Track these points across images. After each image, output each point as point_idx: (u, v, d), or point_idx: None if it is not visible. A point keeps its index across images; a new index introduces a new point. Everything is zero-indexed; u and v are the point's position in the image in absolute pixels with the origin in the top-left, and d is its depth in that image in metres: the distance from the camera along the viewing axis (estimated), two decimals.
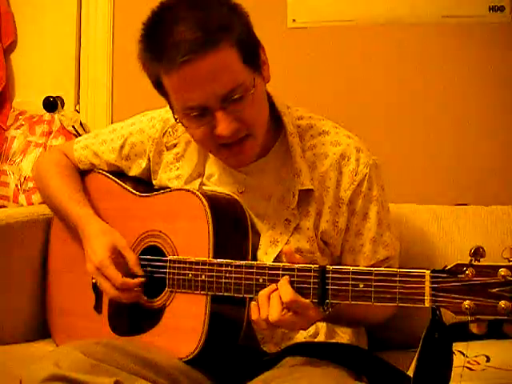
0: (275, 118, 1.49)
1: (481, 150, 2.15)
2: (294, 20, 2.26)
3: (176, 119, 1.42)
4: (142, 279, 1.45)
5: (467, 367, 1.43)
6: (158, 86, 1.38)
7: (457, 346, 1.43)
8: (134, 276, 1.46)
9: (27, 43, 2.56)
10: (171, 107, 1.43)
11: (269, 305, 1.26)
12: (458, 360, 1.41)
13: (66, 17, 2.50)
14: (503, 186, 2.11)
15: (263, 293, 1.27)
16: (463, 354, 1.46)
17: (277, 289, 1.27)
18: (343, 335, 1.50)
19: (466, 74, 2.15)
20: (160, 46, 1.31)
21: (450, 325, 1.16)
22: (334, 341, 1.48)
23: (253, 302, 1.29)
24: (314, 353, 1.37)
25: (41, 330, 1.76)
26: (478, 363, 1.44)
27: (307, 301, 1.24)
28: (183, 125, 1.42)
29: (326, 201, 1.46)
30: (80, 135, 2.30)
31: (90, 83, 2.49)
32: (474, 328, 1.08)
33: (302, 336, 1.46)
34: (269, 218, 1.47)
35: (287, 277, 1.26)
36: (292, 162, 1.46)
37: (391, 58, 2.21)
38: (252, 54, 1.36)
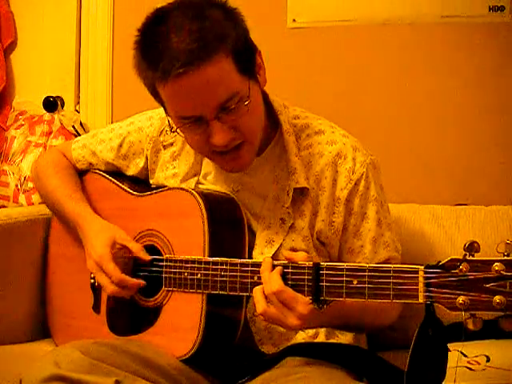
0: (272, 116, 1.49)
1: (481, 150, 2.15)
2: (294, 20, 2.26)
3: (172, 128, 1.41)
4: (141, 282, 1.45)
5: (467, 367, 1.43)
6: (154, 94, 1.38)
7: (457, 346, 1.43)
8: (134, 273, 1.46)
9: (27, 43, 2.56)
10: (168, 115, 1.43)
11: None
12: (458, 360, 1.41)
13: (66, 17, 2.50)
14: (503, 186, 2.11)
15: (258, 288, 1.27)
16: (463, 354, 1.46)
17: None
18: (342, 336, 1.49)
19: (466, 74, 2.15)
20: (155, 56, 1.31)
21: (447, 326, 1.16)
22: (333, 341, 1.48)
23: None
24: (314, 353, 1.37)
25: (41, 329, 1.76)
26: (478, 363, 1.44)
27: (297, 294, 1.23)
28: (178, 134, 1.42)
29: (322, 200, 1.46)
30: (80, 135, 2.30)
31: (89, 83, 2.49)
32: (469, 324, 1.08)
33: (300, 337, 1.46)
34: (264, 217, 1.46)
35: (280, 268, 1.26)
36: (287, 160, 1.46)
37: (391, 58, 2.21)
38: (248, 61, 1.35)
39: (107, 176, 1.65)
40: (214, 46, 1.28)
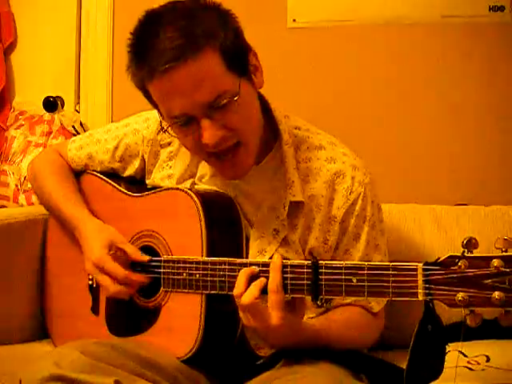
0: (272, 125, 1.48)
1: (481, 150, 2.15)
2: (294, 20, 2.26)
3: (162, 128, 1.41)
4: (147, 278, 1.44)
5: (467, 367, 1.43)
6: (146, 95, 1.38)
7: (457, 346, 1.43)
8: (134, 270, 1.46)
9: (27, 43, 2.56)
10: (161, 116, 1.42)
11: (247, 287, 1.25)
12: (458, 360, 1.41)
13: (66, 17, 2.51)
14: (503, 186, 2.11)
15: (244, 272, 1.27)
16: (463, 354, 1.46)
17: (259, 273, 1.27)
18: None
19: (466, 74, 2.15)
20: (143, 55, 1.31)
21: (447, 326, 1.16)
22: None
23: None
24: (313, 353, 1.37)
25: (41, 330, 1.75)
26: (478, 363, 1.44)
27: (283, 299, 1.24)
28: (170, 134, 1.41)
29: (317, 217, 1.45)
30: None
31: (89, 83, 2.49)
32: (468, 320, 1.08)
33: None
34: (258, 226, 1.46)
35: (280, 262, 1.26)
36: (285, 172, 1.45)
37: (391, 58, 2.21)
38: (238, 59, 1.34)
39: (103, 177, 1.64)
40: (200, 42, 1.28)
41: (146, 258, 1.45)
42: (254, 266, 1.29)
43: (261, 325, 1.26)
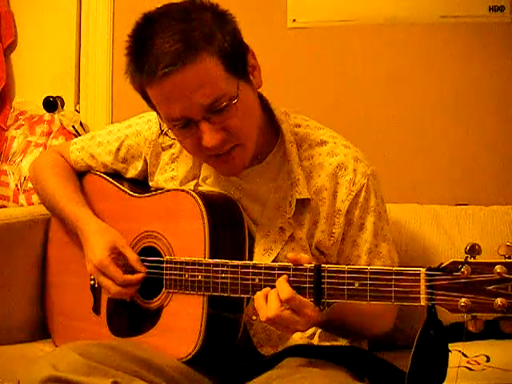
0: (273, 124, 1.48)
1: (481, 150, 2.15)
2: (294, 20, 2.26)
3: (162, 131, 1.41)
4: (143, 274, 1.45)
5: (467, 367, 1.43)
6: (145, 98, 1.38)
7: (457, 346, 1.43)
8: (134, 273, 1.46)
9: (27, 43, 2.56)
10: (160, 118, 1.42)
11: (266, 303, 1.24)
12: (458, 360, 1.41)
13: (66, 17, 2.50)
14: (503, 186, 2.11)
15: (259, 294, 1.26)
16: (463, 354, 1.46)
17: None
18: (340, 338, 1.49)
19: (466, 74, 2.15)
20: (142, 59, 1.31)
21: (448, 326, 1.16)
22: (333, 342, 1.48)
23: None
24: (314, 354, 1.37)
25: (41, 330, 1.76)
26: (478, 363, 1.44)
27: (305, 299, 1.23)
28: (169, 136, 1.41)
29: (322, 211, 1.45)
30: (80, 135, 2.30)
31: (89, 83, 2.49)
32: (470, 326, 1.08)
33: (297, 337, 1.46)
34: (263, 225, 1.46)
35: (285, 276, 1.25)
36: (289, 170, 1.45)
37: (391, 58, 2.21)
38: (237, 61, 1.34)
39: (106, 177, 1.65)
40: (198, 46, 1.28)
41: (143, 269, 1.45)
42: (267, 288, 1.27)
43: (298, 325, 1.24)
